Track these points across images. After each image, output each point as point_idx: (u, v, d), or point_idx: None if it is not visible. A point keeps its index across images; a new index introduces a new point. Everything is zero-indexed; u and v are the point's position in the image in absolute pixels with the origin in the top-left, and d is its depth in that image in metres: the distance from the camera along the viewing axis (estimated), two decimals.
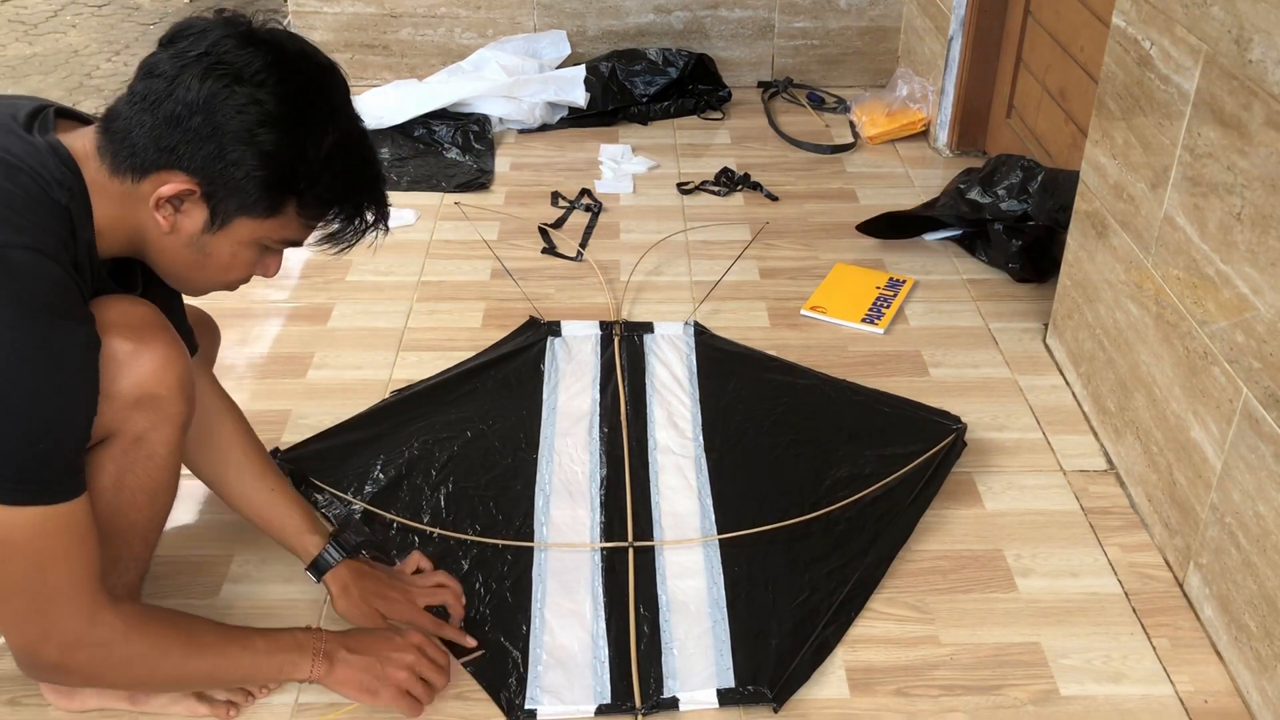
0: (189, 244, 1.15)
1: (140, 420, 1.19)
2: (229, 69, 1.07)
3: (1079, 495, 1.72)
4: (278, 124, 1.08)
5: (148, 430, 1.20)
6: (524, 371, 1.98)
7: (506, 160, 2.89)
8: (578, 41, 3.31)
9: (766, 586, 1.53)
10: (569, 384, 1.95)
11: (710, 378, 1.96)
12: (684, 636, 1.46)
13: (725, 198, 2.70)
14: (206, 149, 1.08)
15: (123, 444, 1.20)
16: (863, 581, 1.53)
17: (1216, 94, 1.45)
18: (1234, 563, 1.41)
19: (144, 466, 1.22)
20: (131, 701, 1.35)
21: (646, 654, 1.43)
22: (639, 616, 1.49)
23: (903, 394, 1.94)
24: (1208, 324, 1.48)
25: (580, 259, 2.40)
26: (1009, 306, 2.23)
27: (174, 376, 1.19)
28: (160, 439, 1.21)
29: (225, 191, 1.10)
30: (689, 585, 1.54)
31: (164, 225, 1.12)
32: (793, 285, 2.30)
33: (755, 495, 1.69)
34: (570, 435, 1.82)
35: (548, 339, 2.06)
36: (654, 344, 2.05)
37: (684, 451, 1.78)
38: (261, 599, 1.52)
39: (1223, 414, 1.43)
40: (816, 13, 3.29)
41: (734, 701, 1.37)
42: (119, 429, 1.18)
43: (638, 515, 1.66)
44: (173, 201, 1.11)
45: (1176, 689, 1.40)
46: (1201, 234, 1.50)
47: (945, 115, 2.91)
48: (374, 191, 1.19)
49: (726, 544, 1.60)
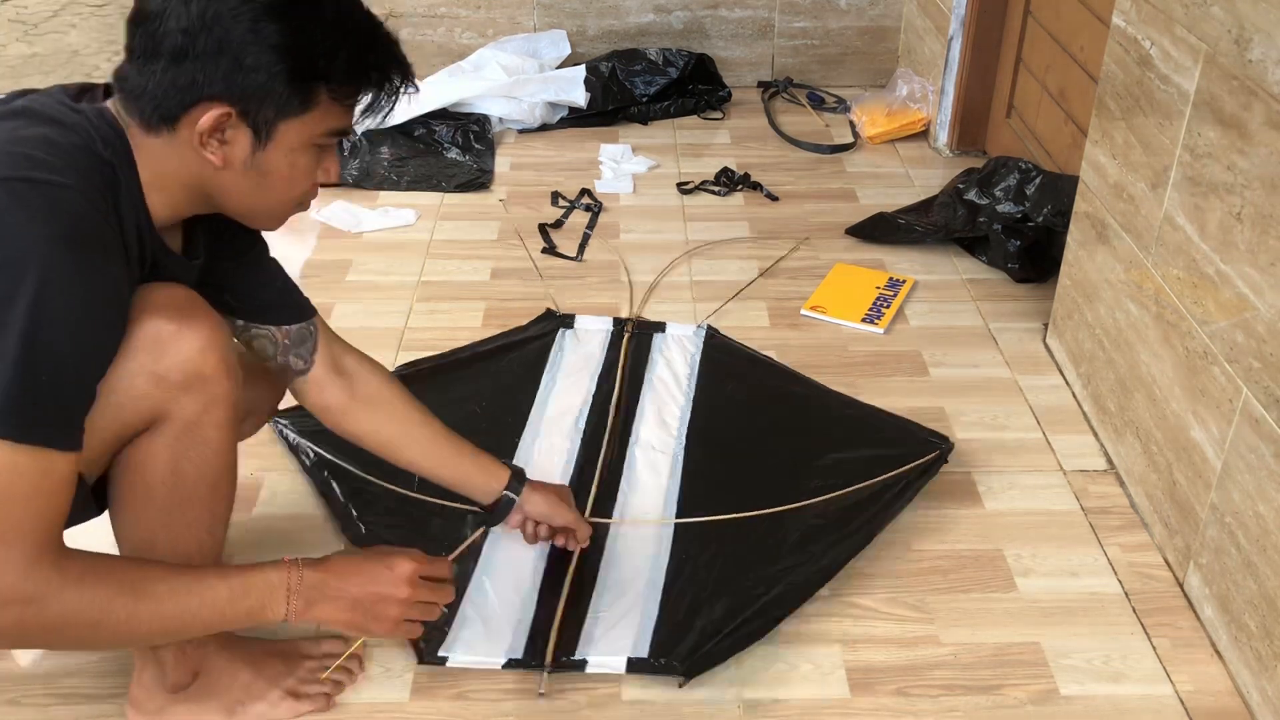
0: (245, 170, 1.12)
1: (190, 404, 1.16)
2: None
3: (1079, 495, 1.72)
4: (275, 13, 1.05)
5: (200, 414, 1.17)
6: (529, 359, 2.00)
7: (506, 160, 2.89)
8: (578, 41, 3.31)
9: (710, 574, 1.53)
10: (569, 375, 1.96)
11: (709, 380, 1.95)
12: (611, 606, 1.48)
13: (725, 198, 2.70)
14: (222, 66, 1.05)
15: (175, 430, 1.17)
16: (807, 582, 1.51)
17: (1216, 94, 1.45)
18: (1234, 563, 1.41)
19: (199, 453, 1.19)
20: (229, 715, 1.31)
21: (569, 619, 1.46)
22: (574, 586, 1.50)
23: (903, 393, 1.95)
24: (1208, 324, 1.48)
25: (580, 259, 2.41)
26: (1009, 306, 2.23)
27: (218, 355, 1.17)
28: (213, 422, 1.19)
29: (257, 102, 1.07)
30: (632, 564, 1.56)
31: (216, 161, 1.10)
32: (793, 285, 2.30)
33: (723, 490, 1.69)
34: (557, 422, 1.84)
35: (559, 330, 2.07)
36: (662, 344, 2.05)
37: (664, 448, 1.79)
38: None
39: (1223, 414, 1.44)
40: (816, 13, 3.29)
41: (642, 670, 1.40)
42: (169, 412, 1.16)
43: (600, 497, 1.68)
44: (215, 134, 1.08)
45: (1176, 689, 1.40)
46: (1201, 234, 1.50)
47: (945, 115, 2.91)
48: (390, 49, 1.15)
49: (680, 530, 1.61)
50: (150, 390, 1.12)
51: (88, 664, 1.42)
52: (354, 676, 1.40)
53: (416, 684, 1.40)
